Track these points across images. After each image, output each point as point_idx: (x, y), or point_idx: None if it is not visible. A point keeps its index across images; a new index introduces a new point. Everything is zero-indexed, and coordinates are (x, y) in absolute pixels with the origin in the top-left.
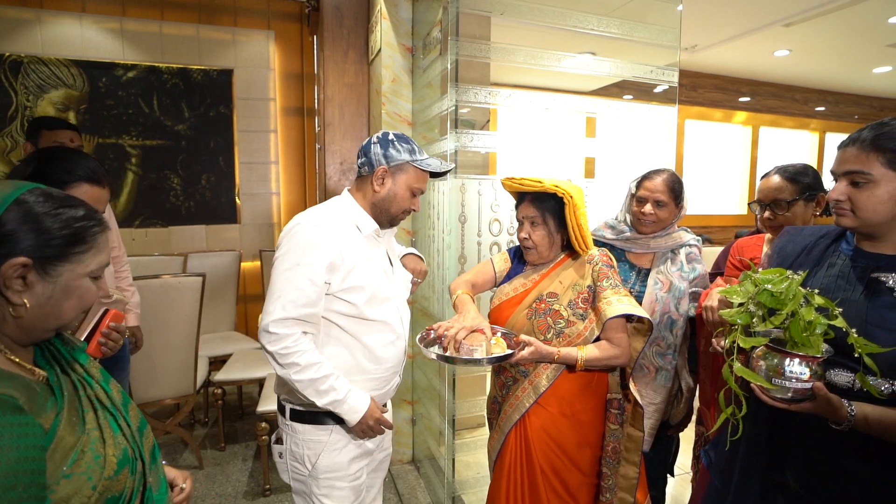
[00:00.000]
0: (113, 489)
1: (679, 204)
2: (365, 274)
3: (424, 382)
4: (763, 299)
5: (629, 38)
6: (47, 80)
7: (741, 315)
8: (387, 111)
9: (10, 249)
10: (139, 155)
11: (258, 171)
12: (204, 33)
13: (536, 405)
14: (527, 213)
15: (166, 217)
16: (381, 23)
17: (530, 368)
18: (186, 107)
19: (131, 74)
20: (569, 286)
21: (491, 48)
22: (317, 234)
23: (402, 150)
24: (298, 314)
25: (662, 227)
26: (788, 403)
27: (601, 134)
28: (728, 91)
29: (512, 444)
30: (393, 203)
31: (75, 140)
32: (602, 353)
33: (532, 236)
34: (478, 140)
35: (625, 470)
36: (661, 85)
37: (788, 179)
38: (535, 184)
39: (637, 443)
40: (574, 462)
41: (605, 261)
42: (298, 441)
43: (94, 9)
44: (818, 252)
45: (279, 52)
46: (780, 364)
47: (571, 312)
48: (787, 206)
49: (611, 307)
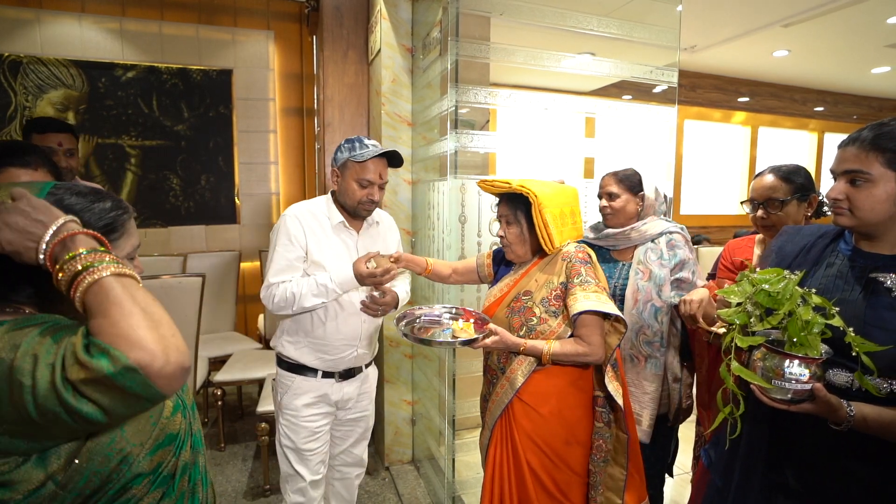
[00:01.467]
0: (169, 428)
1: (638, 193)
2: (325, 255)
3: (424, 382)
4: (760, 299)
5: (629, 39)
6: (46, 80)
7: (739, 315)
8: (386, 111)
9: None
10: (139, 155)
11: (258, 171)
12: (203, 33)
13: (517, 400)
14: (502, 212)
15: (166, 217)
16: (381, 23)
17: (507, 365)
18: (186, 107)
19: (131, 75)
20: (543, 284)
21: (490, 48)
22: (291, 223)
23: (344, 151)
24: (280, 278)
25: (628, 217)
26: (788, 404)
27: (601, 134)
28: (727, 91)
29: (497, 439)
30: (346, 196)
31: (64, 143)
32: (568, 349)
33: (507, 234)
34: (477, 140)
35: (612, 470)
36: (661, 85)
37: (782, 179)
38: (503, 185)
39: (622, 444)
40: (563, 460)
41: (581, 257)
42: (278, 379)
43: (94, 9)
44: (817, 252)
45: (279, 53)
46: (780, 365)
47: (544, 310)
48: (780, 205)
49: (577, 304)
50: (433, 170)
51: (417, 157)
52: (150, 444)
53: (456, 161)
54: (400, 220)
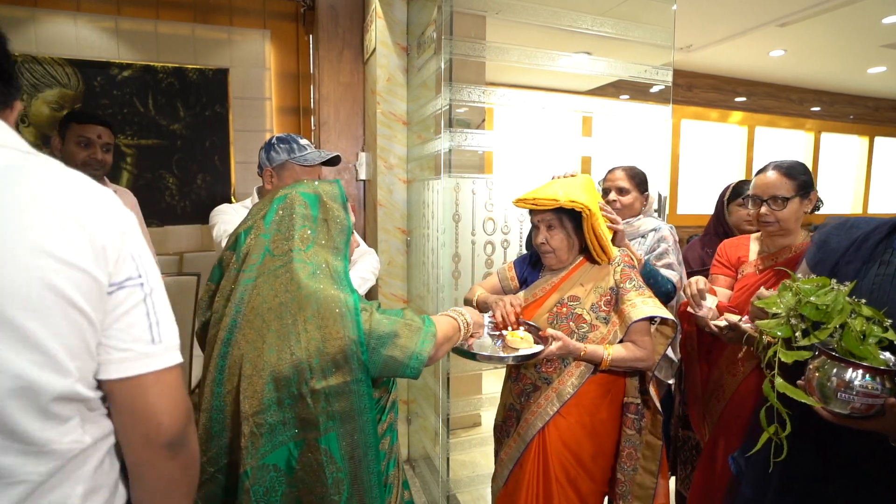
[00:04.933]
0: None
1: (644, 191)
2: None
3: (420, 381)
4: (807, 312)
5: (624, 38)
6: (42, 79)
7: (782, 328)
8: (381, 111)
9: None
10: (134, 154)
11: (254, 170)
12: (199, 32)
13: (558, 415)
14: (543, 216)
15: (161, 216)
16: (376, 22)
17: (553, 375)
18: (182, 106)
19: (126, 74)
20: (591, 289)
21: (485, 47)
22: (230, 219)
23: (281, 151)
24: None
25: (632, 214)
26: (848, 420)
27: (597, 134)
28: (724, 91)
29: (534, 452)
30: None
31: (103, 137)
32: (628, 354)
33: (550, 241)
34: (472, 139)
35: (641, 479)
36: (657, 85)
37: (786, 175)
38: (550, 201)
39: (655, 451)
40: (588, 471)
41: (627, 261)
42: None
43: (89, 7)
44: (869, 248)
45: (275, 52)
46: (843, 376)
47: (595, 316)
48: (784, 202)
49: (635, 309)
50: (428, 169)
51: (412, 156)
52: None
53: (450, 160)
54: (395, 219)
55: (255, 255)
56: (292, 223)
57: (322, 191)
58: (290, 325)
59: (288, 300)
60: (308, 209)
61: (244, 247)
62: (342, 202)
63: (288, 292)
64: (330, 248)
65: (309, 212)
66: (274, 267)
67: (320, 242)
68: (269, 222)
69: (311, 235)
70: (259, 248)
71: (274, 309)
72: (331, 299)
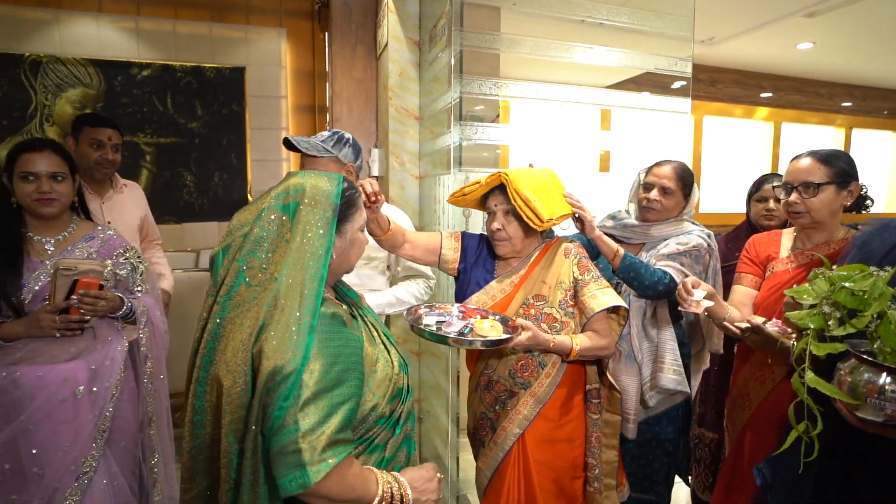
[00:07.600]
0: (398, 383)
1: (687, 195)
2: None
3: (431, 380)
4: (841, 298)
5: (641, 29)
6: (65, 79)
7: (813, 318)
8: (394, 106)
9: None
10: (153, 153)
11: (270, 168)
12: (216, 31)
13: (537, 418)
14: (498, 200)
15: (179, 214)
16: (389, 16)
17: (531, 379)
18: (199, 105)
19: (146, 73)
20: (555, 286)
21: (497, 39)
22: None
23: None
24: None
25: (667, 216)
26: (882, 428)
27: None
28: (748, 86)
29: (514, 459)
30: None
31: (113, 138)
32: (593, 343)
33: (507, 228)
34: (483, 133)
35: (607, 455)
36: (678, 80)
37: (821, 161)
38: (474, 187)
39: (615, 427)
40: (568, 467)
41: (583, 252)
42: None
43: (110, 8)
44: None
45: (290, 50)
46: (875, 380)
47: (563, 313)
48: (816, 189)
49: (596, 300)
50: (440, 164)
51: (425, 151)
52: (388, 395)
53: (461, 155)
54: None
55: (229, 283)
56: (272, 246)
57: (308, 197)
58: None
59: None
60: (284, 226)
61: (221, 270)
62: (334, 206)
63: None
64: (304, 275)
65: (287, 227)
66: (249, 298)
67: (295, 267)
68: (246, 242)
69: (282, 260)
70: (233, 275)
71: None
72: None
